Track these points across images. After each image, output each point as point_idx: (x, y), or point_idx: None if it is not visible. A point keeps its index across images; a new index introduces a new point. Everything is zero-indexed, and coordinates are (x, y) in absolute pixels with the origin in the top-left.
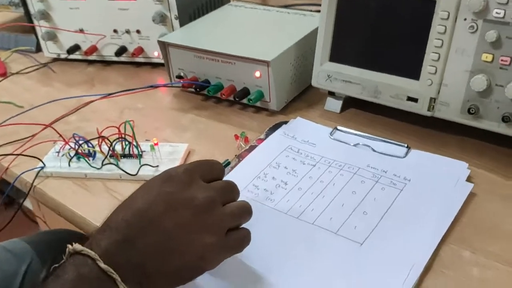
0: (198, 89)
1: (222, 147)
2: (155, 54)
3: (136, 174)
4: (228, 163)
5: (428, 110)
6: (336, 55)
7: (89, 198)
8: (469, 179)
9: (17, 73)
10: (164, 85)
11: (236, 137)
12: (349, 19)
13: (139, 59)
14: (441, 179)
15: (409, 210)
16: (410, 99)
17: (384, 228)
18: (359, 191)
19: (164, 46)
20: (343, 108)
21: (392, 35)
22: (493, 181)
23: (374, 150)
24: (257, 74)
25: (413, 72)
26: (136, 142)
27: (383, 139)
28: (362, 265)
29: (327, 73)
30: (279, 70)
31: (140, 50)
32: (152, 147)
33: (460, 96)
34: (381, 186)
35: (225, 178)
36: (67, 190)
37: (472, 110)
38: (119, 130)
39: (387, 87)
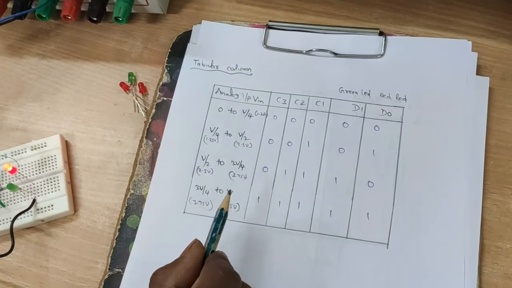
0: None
1: (111, 116)
2: None
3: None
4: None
5: None
6: None
7: None
8: (479, 68)
9: None
10: None
11: (125, 87)
12: None
13: None
14: (442, 82)
15: (422, 155)
16: None
17: (405, 203)
18: (348, 145)
19: None
20: None
21: None
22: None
23: (336, 54)
24: None
25: None
26: None
27: (342, 28)
28: (401, 278)
29: None
30: None
31: None
32: (12, 187)
33: None
34: (373, 125)
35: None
36: None
37: None
38: None
39: None
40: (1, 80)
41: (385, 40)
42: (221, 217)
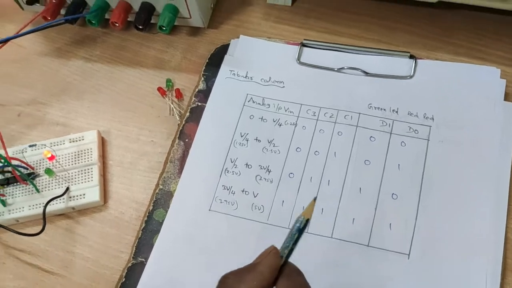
0: (71, 20)
1: (147, 117)
2: None
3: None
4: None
5: None
6: None
7: None
8: (507, 95)
9: None
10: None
11: (162, 91)
12: None
13: None
14: (470, 105)
15: (448, 173)
16: None
17: (428, 217)
18: (374, 158)
19: None
20: None
21: None
22: None
23: (367, 74)
24: None
25: None
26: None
27: (373, 49)
28: None
29: None
30: None
31: None
32: (49, 172)
33: None
34: (399, 140)
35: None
36: None
37: None
38: None
39: None
40: (47, 79)
41: (415, 63)
42: (303, 227)
